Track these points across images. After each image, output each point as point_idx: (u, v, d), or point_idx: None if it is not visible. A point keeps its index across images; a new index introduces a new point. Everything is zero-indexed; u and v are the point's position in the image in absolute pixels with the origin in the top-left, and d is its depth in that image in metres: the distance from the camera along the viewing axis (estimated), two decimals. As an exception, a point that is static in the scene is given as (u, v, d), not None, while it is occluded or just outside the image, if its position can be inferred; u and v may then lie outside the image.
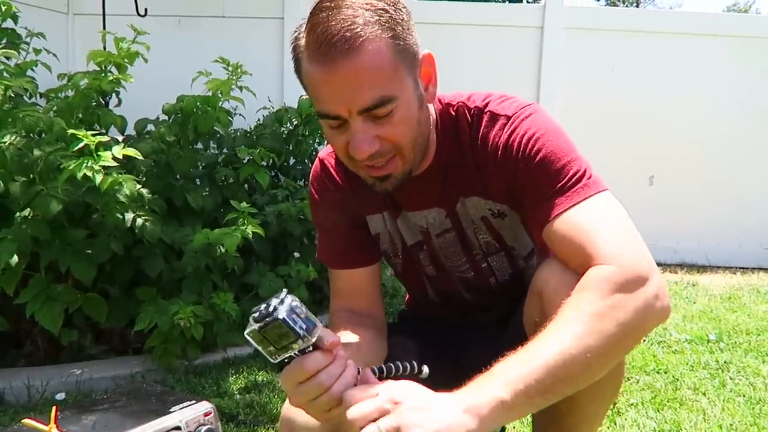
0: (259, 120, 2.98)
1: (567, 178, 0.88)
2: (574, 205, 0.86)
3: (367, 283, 1.10)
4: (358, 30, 0.80)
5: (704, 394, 1.80)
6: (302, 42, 0.84)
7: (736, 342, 2.30)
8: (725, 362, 2.07)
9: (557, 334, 0.75)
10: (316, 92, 0.86)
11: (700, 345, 2.27)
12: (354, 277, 1.10)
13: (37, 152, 1.96)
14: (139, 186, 2.03)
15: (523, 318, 0.97)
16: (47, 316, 1.95)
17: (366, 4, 0.82)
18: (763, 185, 3.99)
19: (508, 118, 0.94)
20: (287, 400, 1.11)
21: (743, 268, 3.94)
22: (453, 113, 0.98)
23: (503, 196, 0.98)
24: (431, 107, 0.97)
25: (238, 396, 1.83)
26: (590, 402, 0.94)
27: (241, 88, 2.56)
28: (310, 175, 1.13)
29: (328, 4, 0.81)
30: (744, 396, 1.77)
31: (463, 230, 1.05)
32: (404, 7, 0.87)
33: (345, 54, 0.80)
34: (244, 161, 2.53)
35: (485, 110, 0.96)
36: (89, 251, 2.00)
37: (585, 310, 0.76)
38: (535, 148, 0.90)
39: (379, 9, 0.82)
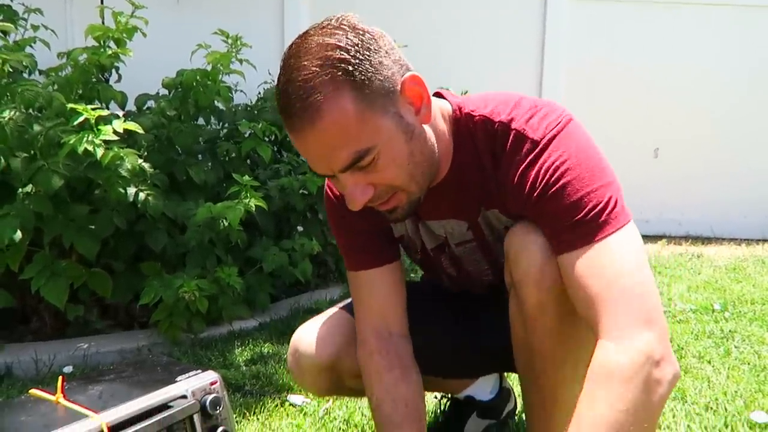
0: (259, 93, 2.95)
1: (586, 211, 0.82)
2: (588, 244, 0.82)
3: (392, 288, 1.06)
4: (314, 97, 0.77)
5: (709, 362, 1.80)
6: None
7: (740, 311, 2.29)
8: (730, 331, 2.07)
9: None
10: (300, 153, 0.86)
11: (705, 315, 2.27)
12: (378, 281, 1.06)
13: (37, 127, 1.95)
14: (140, 160, 2.02)
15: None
16: (52, 291, 1.95)
17: (321, 58, 0.77)
18: (768, 156, 3.96)
19: (535, 143, 0.87)
20: (299, 329, 1.15)
21: (748, 239, 3.93)
22: (472, 126, 0.92)
23: (522, 215, 0.94)
24: (438, 120, 0.91)
25: (244, 367, 1.84)
26: (563, 362, 0.94)
27: (241, 61, 2.53)
28: (325, 183, 1.10)
29: (288, 61, 0.79)
30: (749, 364, 1.77)
31: (485, 240, 1.02)
32: (371, 37, 0.80)
33: (307, 123, 0.78)
34: (246, 135, 2.51)
35: (511, 128, 0.89)
36: (92, 227, 2.00)
37: (603, 419, 0.74)
38: (559, 182, 0.84)
39: (335, 60, 0.77)
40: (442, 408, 1.46)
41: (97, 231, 2.00)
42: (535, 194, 0.86)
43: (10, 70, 2.12)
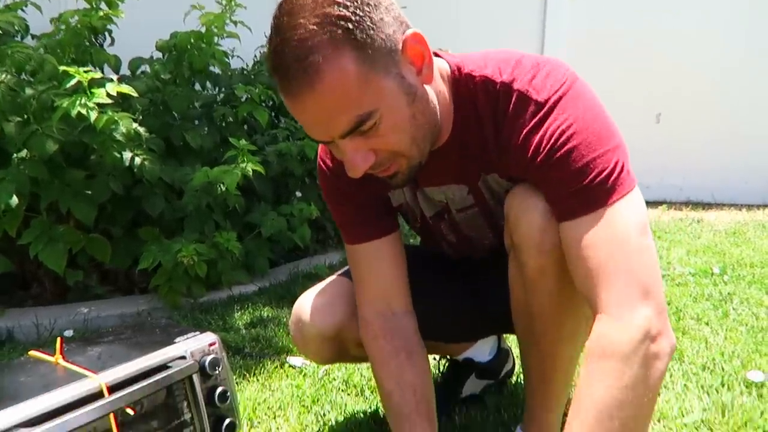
0: (255, 57, 2.90)
1: (591, 178, 0.79)
2: (590, 212, 0.80)
3: (392, 262, 1.04)
4: (313, 58, 0.72)
5: (707, 323, 1.80)
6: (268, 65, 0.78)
7: (739, 275, 2.30)
8: (728, 294, 2.07)
9: None
10: (295, 118, 0.80)
11: (704, 278, 2.27)
12: (377, 255, 1.03)
13: (29, 91, 1.92)
14: (135, 124, 1.99)
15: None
16: (51, 256, 1.95)
17: (318, 15, 0.72)
18: (772, 119, 3.92)
19: (539, 105, 0.83)
20: (301, 297, 1.14)
21: (749, 205, 3.91)
22: (472, 87, 0.87)
23: (523, 180, 0.91)
24: (438, 81, 0.87)
25: (243, 331, 1.84)
26: (562, 324, 0.94)
27: (235, 23, 2.48)
28: (318, 151, 1.07)
29: (281, 20, 0.74)
30: (746, 325, 1.78)
31: (487, 204, 0.99)
32: None
33: (306, 87, 0.73)
34: (242, 100, 2.48)
35: (513, 89, 0.84)
36: (89, 192, 1.99)
37: (602, 400, 0.73)
38: (564, 147, 0.80)
39: (334, 17, 0.72)
40: (440, 369, 1.47)
41: (94, 196, 1.98)
42: (539, 159, 0.83)
43: (0, 32, 2.08)
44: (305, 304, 1.12)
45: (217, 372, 1.19)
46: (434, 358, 1.47)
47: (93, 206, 1.97)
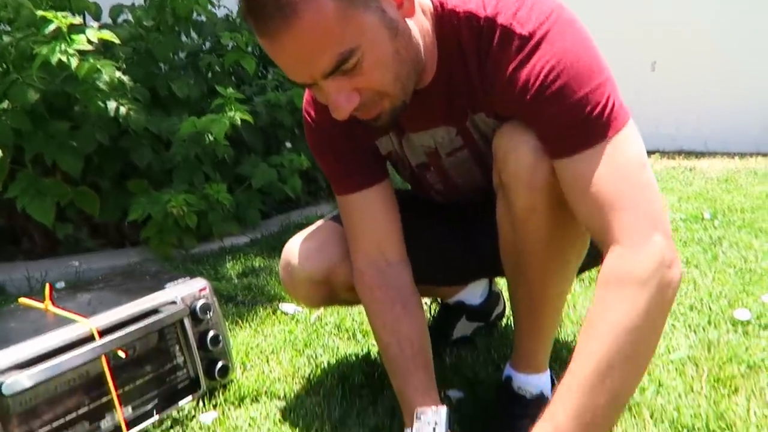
0: (240, 4, 2.81)
1: (586, 114, 0.77)
2: (590, 147, 0.78)
3: (384, 211, 1.02)
4: None
5: (696, 266, 1.82)
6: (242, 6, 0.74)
7: (730, 220, 2.31)
8: (718, 238, 2.08)
9: (599, 368, 0.72)
10: (273, 61, 0.76)
11: (695, 223, 2.28)
12: (369, 204, 1.01)
13: (6, 38, 1.86)
14: (119, 73, 1.94)
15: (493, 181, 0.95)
16: (39, 209, 1.94)
17: None
18: (766, 70, 3.87)
19: (524, 39, 0.79)
20: (290, 241, 1.13)
21: (741, 153, 3.91)
22: (456, 23, 0.84)
23: (511, 118, 0.88)
24: (420, 16, 0.83)
25: (235, 280, 1.85)
26: (552, 260, 0.94)
27: (219, -35, 2.40)
28: (303, 100, 1.03)
29: None
30: (735, 267, 1.80)
31: (476, 145, 0.96)
32: None
33: (283, 26, 0.69)
34: (228, 48, 2.42)
35: (497, 23, 0.81)
36: (74, 143, 1.95)
37: (621, 321, 0.73)
38: (555, 83, 0.78)
39: None
40: (432, 313, 1.48)
41: (80, 147, 1.95)
42: (529, 96, 0.80)
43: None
44: (294, 247, 1.11)
45: (208, 316, 1.19)
46: (426, 303, 1.49)
47: (79, 158, 1.94)
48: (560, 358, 1.23)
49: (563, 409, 0.71)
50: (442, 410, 0.74)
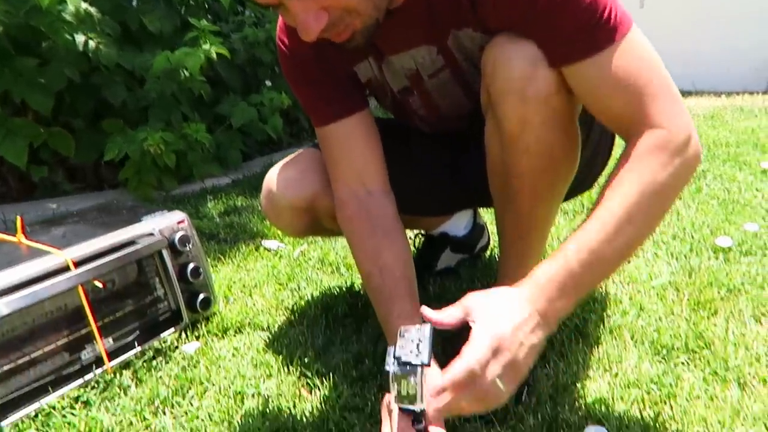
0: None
1: (599, 14, 0.74)
2: (609, 46, 0.76)
3: (365, 140, 0.99)
4: None
5: (680, 198, 1.82)
6: None
7: (715, 154, 2.30)
8: (702, 171, 2.08)
9: (623, 218, 0.74)
10: None
11: (679, 157, 2.27)
12: (349, 133, 0.98)
13: (-37, -32, 1.75)
14: (85, 4, 1.85)
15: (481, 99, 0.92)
16: (10, 150, 1.87)
17: None
18: (756, 6, 3.80)
19: None
20: (271, 170, 1.11)
21: (729, 92, 3.88)
22: None
23: (503, 31, 0.83)
24: None
25: (217, 219, 1.82)
26: (540, 180, 0.92)
27: None
28: (277, 27, 0.97)
29: None
30: (718, 199, 1.80)
31: (459, 65, 0.92)
32: None
33: None
34: (202, -21, 2.31)
35: None
36: (43, 80, 1.87)
37: (650, 182, 0.74)
38: None
39: None
40: (416, 245, 1.47)
41: (49, 85, 1.88)
42: (539, 4, 0.76)
43: None
44: (276, 176, 1.08)
45: (187, 248, 1.17)
46: (410, 236, 1.47)
47: (49, 96, 1.87)
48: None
49: (578, 253, 0.73)
50: (426, 327, 0.74)
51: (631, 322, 1.14)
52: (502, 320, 0.70)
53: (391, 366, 0.73)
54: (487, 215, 1.59)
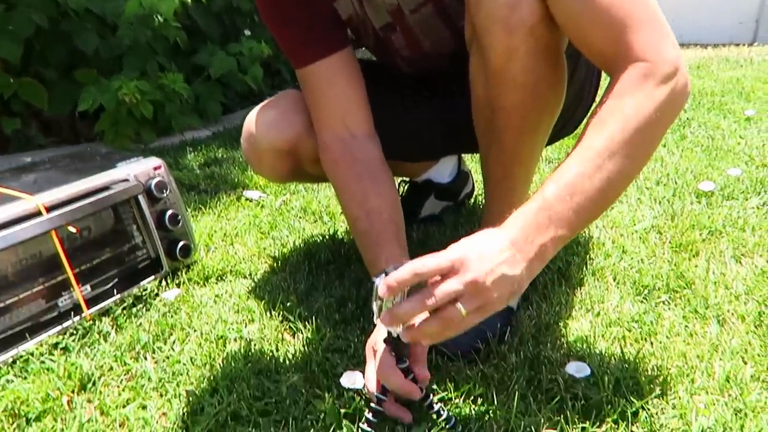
0: None
1: None
2: None
3: (347, 80, 0.96)
4: None
5: (664, 145, 1.81)
6: None
7: (700, 102, 2.29)
8: (687, 119, 2.07)
9: (604, 153, 0.70)
10: None
11: (665, 107, 2.25)
12: (331, 74, 0.95)
13: None
14: (51, -55, 1.76)
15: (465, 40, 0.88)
16: (-21, 100, 1.81)
17: None
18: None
19: None
20: (251, 112, 1.07)
21: (716, 44, 3.85)
22: None
23: None
24: None
25: (198, 170, 1.79)
26: (526, 117, 0.90)
27: None
28: None
29: None
30: (702, 146, 1.80)
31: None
32: None
33: None
34: None
35: None
36: (9, 27, 1.79)
37: (632, 116, 0.70)
38: None
39: None
40: (400, 192, 1.46)
41: (16, 31, 1.80)
42: None
43: None
44: (257, 118, 1.04)
45: (165, 195, 1.14)
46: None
47: (17, 43, 1.79)
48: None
49: (555, 188, 0.70)
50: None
51: (613, 264, 1.14)
52: (470, 247, 0.69)
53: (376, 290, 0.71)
54: (471, 164, 1.57)
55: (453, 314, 0.67)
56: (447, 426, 0.76)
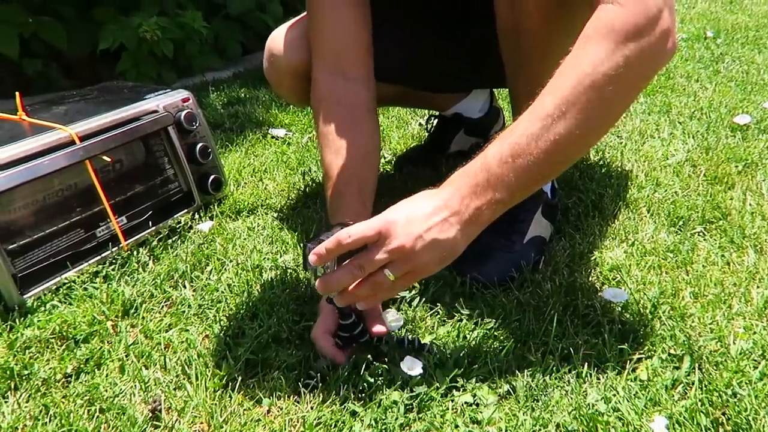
0: None
1: None
2: None
3: (351, 17, 0.91)
4: None
5: (697, 80, 1.76)
6: None
7: (733, 38, 2.21)
8: (720, 54, 2.00)
9: (554, 112, 0.65)
10: None
11: (697, 42, 2.18)
12: (337, 5, 0.91)
13: None
14: None
15: None
16: (1, 40, 1.79)
17: None
18: None
19: None
20: (274, 31, 1.05)
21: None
22: None
23: None
24: None
25: (221, 109, 1.77)
26: (552, 38, 0.84)
27: None
28: None
29: None
30: (736, 80, 1.74)
31: None
32: None
33: None
34: None
35: None
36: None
37: (588, 73, 0.64)
38: None
39: None
40: (429, 129, 1.44)
41: (33, -33, 1.76)
42: None
43: None
44: (278, 37, 1.02)
45: (195, 127, 1.14)
46: (419, 124, 1.44)
47: (34, -21, 1.76)
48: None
49: (499, 148, 0.67)
50: (336, 229, 0.70)
51: (647, 196, 1.12)
52: (400, 212, 0.67)
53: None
54: (503, 97, 1.54)
55: (382, 280, 0.67)
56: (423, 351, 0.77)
